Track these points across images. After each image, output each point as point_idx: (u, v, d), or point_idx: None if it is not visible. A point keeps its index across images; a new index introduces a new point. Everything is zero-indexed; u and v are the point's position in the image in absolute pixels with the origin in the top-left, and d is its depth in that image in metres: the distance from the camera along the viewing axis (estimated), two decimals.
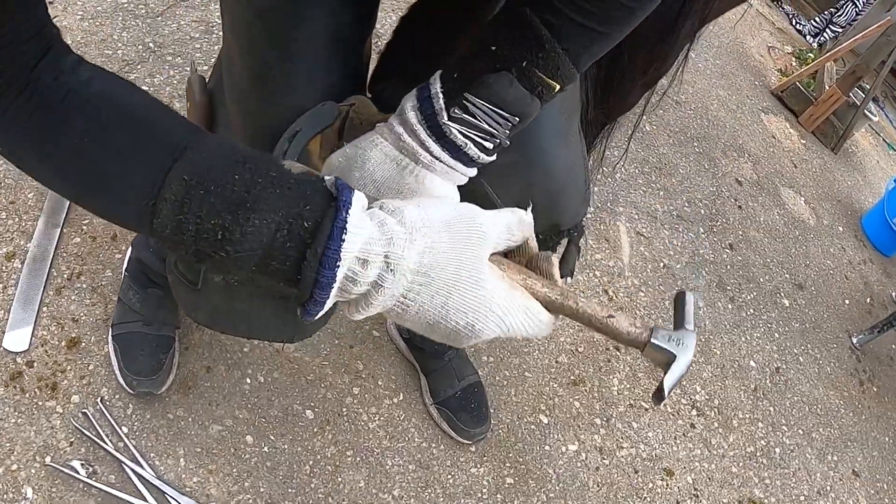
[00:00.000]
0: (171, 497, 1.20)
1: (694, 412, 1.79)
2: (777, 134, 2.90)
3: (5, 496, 1.15)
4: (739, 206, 2.41)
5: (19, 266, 1.37)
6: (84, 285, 1.39)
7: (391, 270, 0.51)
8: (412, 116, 0.64)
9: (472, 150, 0.65)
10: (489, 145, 0.66)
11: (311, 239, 0.49)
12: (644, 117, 2.30)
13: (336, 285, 0.50)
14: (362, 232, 0.50)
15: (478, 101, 0.62)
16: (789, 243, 2.45)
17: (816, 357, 2.17)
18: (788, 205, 2.61)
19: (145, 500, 1.19)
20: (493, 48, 0.62)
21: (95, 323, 1.35)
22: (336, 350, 1.50)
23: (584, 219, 1.01)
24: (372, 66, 0.86)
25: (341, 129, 0.73)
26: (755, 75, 3.11)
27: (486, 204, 0.62)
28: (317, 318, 0.53)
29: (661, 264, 2.06)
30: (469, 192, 0.69)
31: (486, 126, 0.64)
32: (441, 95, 0.63)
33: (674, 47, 1.05)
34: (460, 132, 0.63)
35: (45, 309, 1.34)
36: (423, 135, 0.64)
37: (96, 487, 1.18)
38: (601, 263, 1.95)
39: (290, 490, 1.29)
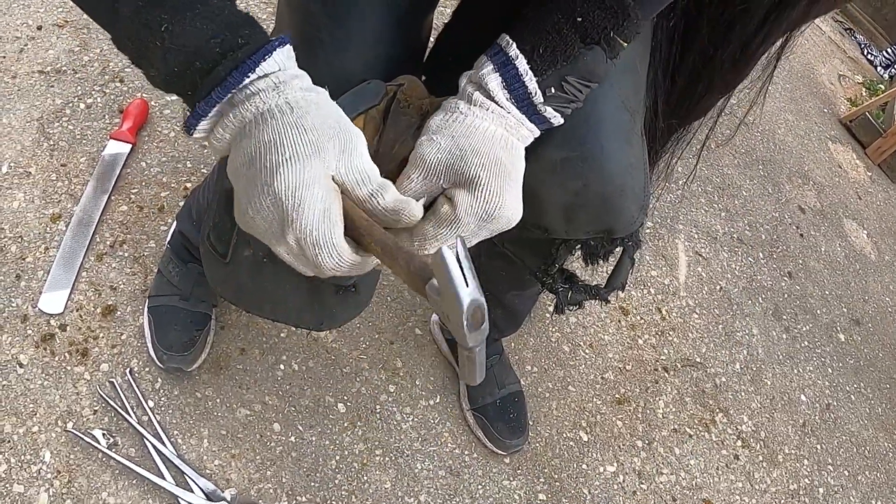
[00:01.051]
0: (189, 477, 1.13)
1: (739, 443, 1.66)
2: (843, 164, 2.73)
3: (23, 457, 1.10)
4: (801, 234, 2.26)
5: (63, 228, 1.32)
6: (126, 254, 1.33)
7: (276, 89, 0.53)
8: (502, 96, 0.58)
9: (557, 120, 0.61)
10: (570, 110, 0.61)
11: (238, 51, 0.52)
12: (711, 135, 2.17)
13: (235, 90, 0.53)
14: (282, 63, 0.54)
15: (573, 79, 0.58)
16: (849, 276, 2.29)
17: (869, 397, 2.01)
18: (850, 237, 2.44)
19: (163, 477, 1.12)
20: (580, 19, 0.56)
21: (133, 293, 1.29)
22: (375, 345, 1.42)
23: (642, 231, 0.90)
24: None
25: (387, 111, 0.66)
26: (824, 102, 2.94)
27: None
28: (195, 135, 0.55)
29: (718, 287, 1.92)
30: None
31: (573, 98, 0.59)
32: (531, 73, 0.57)
33: (754, 53, 0.94)
34: (553, 107, 0.59)
35: (84, 274, 1.29)
36: (518, 114, 0.59)
37: (115, 459, 1.11)
38: (656, 281, 1.83)
39: (312, 484, 1.21)
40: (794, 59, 2.93)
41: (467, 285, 0.49)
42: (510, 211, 0.59)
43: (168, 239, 1.32)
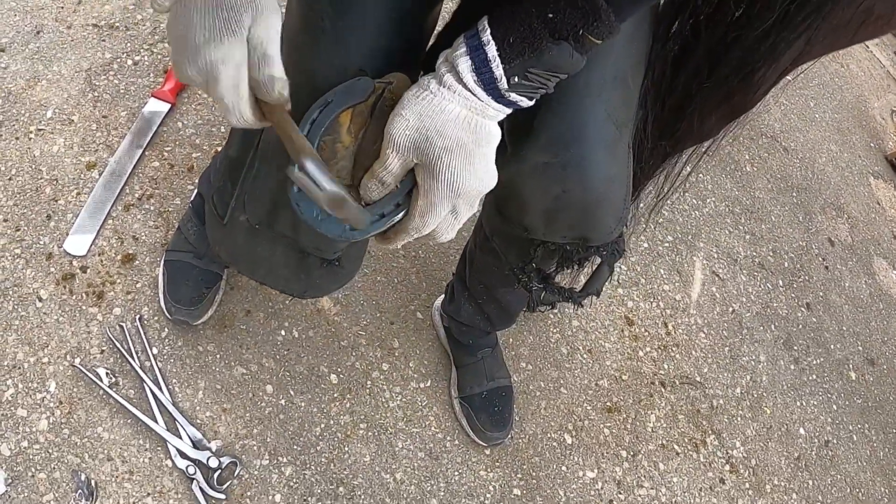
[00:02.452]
0: (180, 424, 1.17)
1: (727, 467, 1.63)
2: (882, 201, 2.63)
3: (30, 385, 1.15)
4: (826, 267, 2.19)
5: (96, 177, 1.37)
6: (152, 208, 1.38)
7: None
8: (470, 79, 0.60)
9: (525, 103, 0.63)
10: (537, 95, 0.63)
11: None
12: (736, 154, 2.10)
13: None
14: None
15: (538, 70, 0.60)
16: (871, 315, 2.21)
17: (872, 439, 1.95)
18: (879, 275, 2.35)
19: (156, 421, 1.16)
20: (551, 15, 0.57)
21: (153, 245, 1.34)
22: (375, 323, 1.43)
23: (625, 241, 0.91)
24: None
25: (374, 107, 0.68)
26: (872, 137, 2.83)
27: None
28: None
29: (730, 309, 1.88)
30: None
31: (540, 86, 0.61)
32: (498, 60, 0.59)
33: (757, 80, 0.91)
34: (518, 94, 0.61)
35: (110, 222, 1.33)
36: (484, 96, 0.61)
37: (114, 398, 1.16)
38: (667, 295, 1.80)
39: (295, 447, 1.23)
40: (846, 90, 2.82)
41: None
42: (475, 185, 0.62)
43: (191, 199, 1.35)
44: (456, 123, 0.60)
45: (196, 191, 1.35)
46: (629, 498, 1.46)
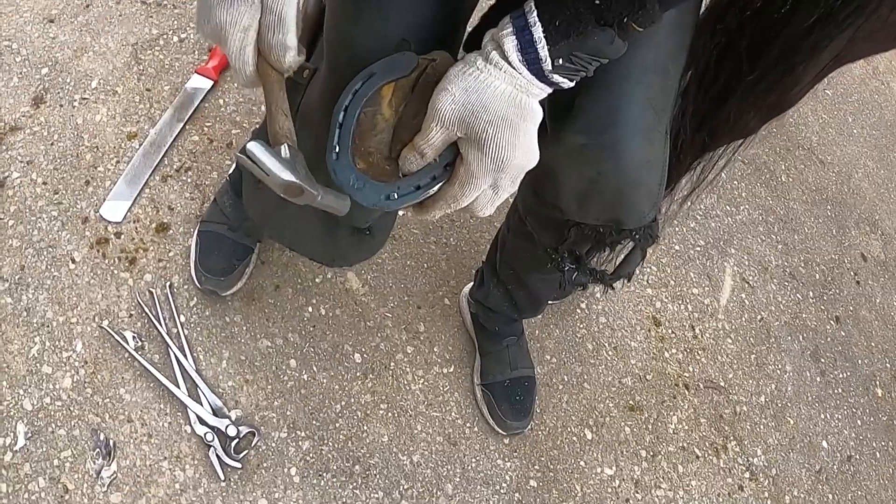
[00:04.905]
0: (202, 391, 1.14)
1: (747, 475, 1.55)
2: None
3: (57, 343, 1.13)
4: (857, 282, 2.09)
5: (137, 147, 1.35)
6: (189, 180, 1.35)
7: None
8: (515, 58, 0.59)
9: (566, 84, 0.61)
10: (578, 77, 0.61)
11: None
12: (772, 164, 2.01)
13: None
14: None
15: (581, 53, 0.59)
16: None
17: (895, 457, 1.84)
18: None
19: (178, 386, 1.13)
20: (597, 2, 0.57)
21: (188, 216, 1.31)
22: (403, 306, 1.39)
23: (658, 227, 0.88)
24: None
25: (416, 82, 0.66)
26: None
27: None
28: None
29: (759, 317, 1.80)
30: None
31: (581, 69, 0.60)
32: (544, 41, 0.58)
33: (798, 76, 0.87)
34: (560, 76, 0.60)
35: (147, 191, 1.31)
36: (528, 75, 0.60)
37: (139, 362, 1.13)
38: (696, 298, 1.73)
39: (314, 422, 1.19)
40: (885, 108, 2.71)
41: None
42: (519, 160, 0.61)
43: (229, 172, 1.32)
44: (502, 99, 0.59)
45: (234, 164, 1.32)
46: (646, 498, 1.39)
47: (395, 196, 0.63)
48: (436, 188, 0.63)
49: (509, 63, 0.59)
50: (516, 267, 1.11)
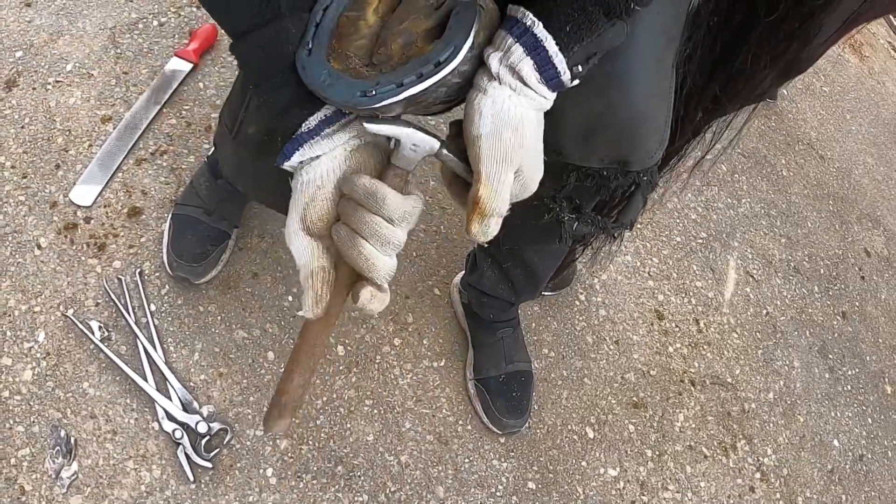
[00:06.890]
0: (171, 384, 1.02)
1: (758, 475, 1.42)
2: None
3: (19, 333, 1.01)
4: (862, 277, 1.97)
5: (111, 130, 1.24)
6: (164, 164, 1.24)
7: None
8: (534, 80, 0.55)
9: (576, 82, 0.58)
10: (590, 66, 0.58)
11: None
12: (772, 158, 1.90)
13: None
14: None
15: (596, 51, 0.56)
16: None
17: None
18: None
19: (146, 379, 1.01)
20: None
21: (162, 201, 1.20)
22: (390, 295, 1.27)
23: (658, 175, 0.81)
24: None
25: None
26: None
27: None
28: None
29: (765, 311, 1.68)
30: None
31: (594, 66, 0.58)
32: (561, 55, 0.54)
33: (814, 28, 0.78)
34: (575, 79, 0.57)
35: (119, 175, 1.20)
36: (549, 94, 0.57)
37: (104, 353, 1.01)
38: (700, 292, 1.61)
39: (293, 419, 1.07)
40: (882, 106, 2.62)
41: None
42: (537, 180, 0.62)
43: (207, 155, 1.21)
44: (530, 126, 0.57)
45: (212, 148, 1.21)
46: (653, 500, 1.26)
47: (374, 93, 0.53)
48: (422, 86, 0.53)
49: (528, 86, 0.55)
50: (512, 239, 1.00)
